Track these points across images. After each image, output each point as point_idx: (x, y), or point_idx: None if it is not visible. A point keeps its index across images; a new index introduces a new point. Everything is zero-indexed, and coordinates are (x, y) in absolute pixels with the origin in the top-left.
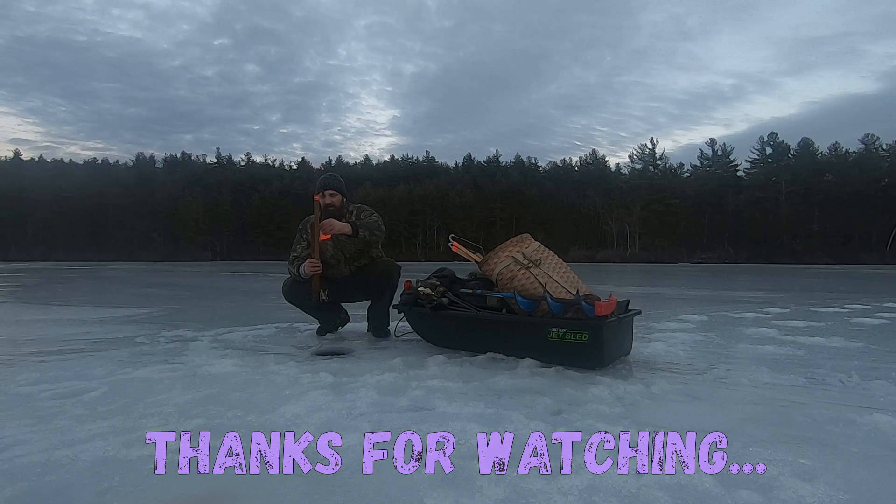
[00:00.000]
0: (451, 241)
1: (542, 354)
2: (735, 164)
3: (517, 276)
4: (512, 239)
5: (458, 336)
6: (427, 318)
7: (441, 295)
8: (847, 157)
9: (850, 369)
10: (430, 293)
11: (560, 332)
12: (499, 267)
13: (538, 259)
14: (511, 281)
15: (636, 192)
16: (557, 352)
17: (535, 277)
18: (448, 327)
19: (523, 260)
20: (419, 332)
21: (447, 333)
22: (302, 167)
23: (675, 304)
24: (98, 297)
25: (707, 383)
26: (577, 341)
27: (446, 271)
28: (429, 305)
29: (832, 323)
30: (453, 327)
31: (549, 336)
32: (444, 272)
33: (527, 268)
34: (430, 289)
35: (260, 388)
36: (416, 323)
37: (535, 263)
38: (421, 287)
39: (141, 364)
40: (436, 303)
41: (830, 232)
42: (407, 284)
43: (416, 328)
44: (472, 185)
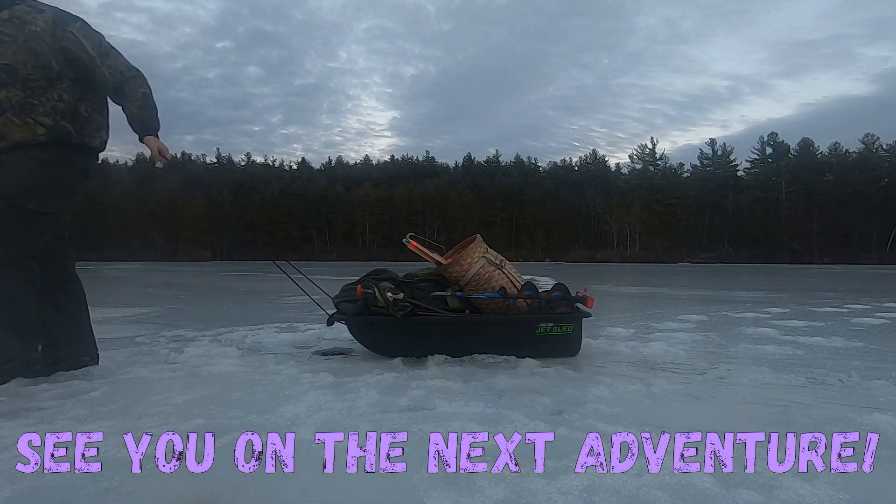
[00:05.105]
0: (407, 240)
1: (528, 350)
2: (735, 164)
3: (494, 277)
4: (466, 240)
5: (433, 342)
6: (390, 327)
7: (407, 299)
8: (847, 157)
9: (850, 369)
10: (399, 299)
11: (548, 326)
12: (475, 268)
13: (501, 260)
14: (490, 281)
15: (636, 192)
16: (544, 345)
17: (507, 276)
18: (422, 334)
19: (495, 260)
20: (371, 344)
21: (419, 341)
22: (302, 167)
23: (675, 304)
24: (98, 297)
25: (707, 383)
26: (562, 333)
27: (388, 273)
28: (400, 313)
29: (832, 323)
30: (429, 333)
31: (538, 331)
32: (387, 274)
33: (500, 268)
34: (391, 293)
35: (260, 387)
36: (370, 333)
37: (502, 264)
38: (388, 293)
39: (141, 364)
40: (409, 309)
41: (830, 232)
42: (360, 291)
43: (369, 339)
44: (472, 186)
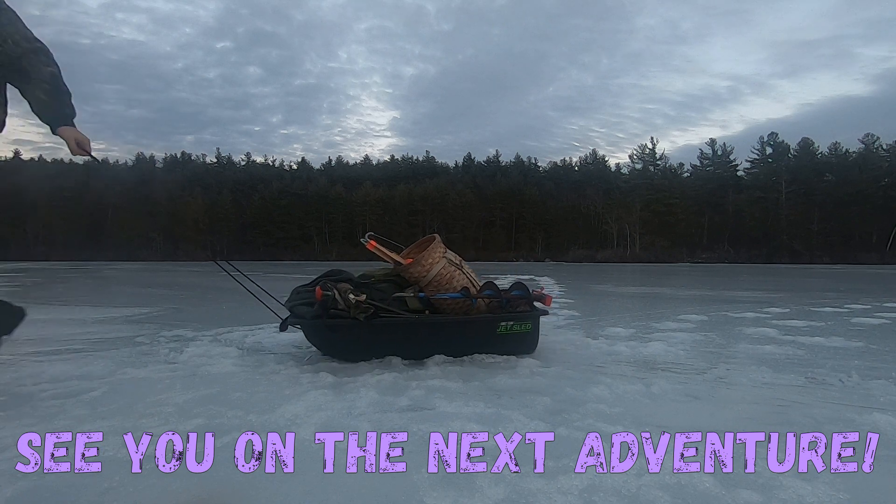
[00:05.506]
0: (366, 239)
1: (489, 348)
2: (735, 164)
3: (455, 277)
4: (423, 240)
5: (396, 344)
6: (351, 330)
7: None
8: (847, 157)
9: (850, 369)
10: (362, 301)
11: (508, 325)
12: (436, 268)
13: (460, 260)
14: (451, 281)
15: (636, 191)
16: (504, 343)
17: (467, 276)
18: (384, 336)
19: (456, 260)
20: (331, 349)
21: (382, 343)
22: (302, 167)
23: (675, 304)
24: (98, 297)
25: (707, 383)
26: (521, 331)
27: (345, 274)
28: (362, 315)
29: (832, 323)
30: (392, 335)
31: (499, 330)
32: (344, 275)
33: (459, 268)
34: (353, 294)
35: (260, 387)
36: (330, 337)
37: (461, 264)
38: (351, 294)
39: (141, 364)
40: (372, 311)
41: (830, 232)
42: (318, 293)
43: (329, 343)
44: (472, 185)
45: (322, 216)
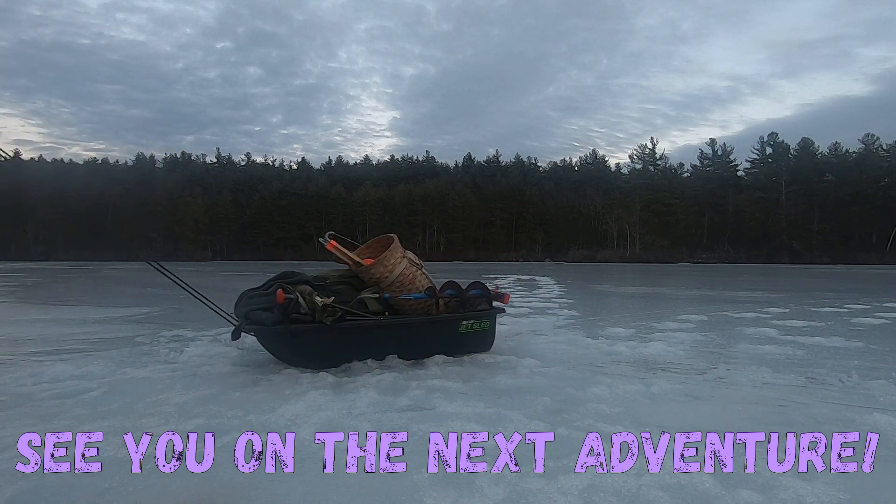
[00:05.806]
0: (326, 239)
1: (451, 348)
2: (735, 164)
3: (417, 277)
4: (377, 240)
5: (360, 348)
6: (315, 335)
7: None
8: (847, 157)
9: (850, 369)
10: (329, 304)
11: (469, 324)
12: (398, 269)
13: (419, 260)
14: (414, 281)
15: (636, 191)
16: (465, 342)
17: (426, 276)
18: (349, 340)
19: (416, 261)
20: (292, 356)
21: (347, 347)
22: (302, 167)
23: (676, 304)
24: (98, 297)
25: (707, 383)
26: (480, 329)
27: (300, 276)
28: (330, 318)
29: (832, 323)
30: (357, 338)
31: (461, 329)
32: (299, 277)
33: (420, 268)
34: (319, 297)
35: (260, 387)
36: (292, 343)
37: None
38: (317, 297)
39: (141, 364)
40: (339, 314)
41: (830, 232)
42: (280, 296)
43: (290, 350)
44: (472, 185)
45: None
